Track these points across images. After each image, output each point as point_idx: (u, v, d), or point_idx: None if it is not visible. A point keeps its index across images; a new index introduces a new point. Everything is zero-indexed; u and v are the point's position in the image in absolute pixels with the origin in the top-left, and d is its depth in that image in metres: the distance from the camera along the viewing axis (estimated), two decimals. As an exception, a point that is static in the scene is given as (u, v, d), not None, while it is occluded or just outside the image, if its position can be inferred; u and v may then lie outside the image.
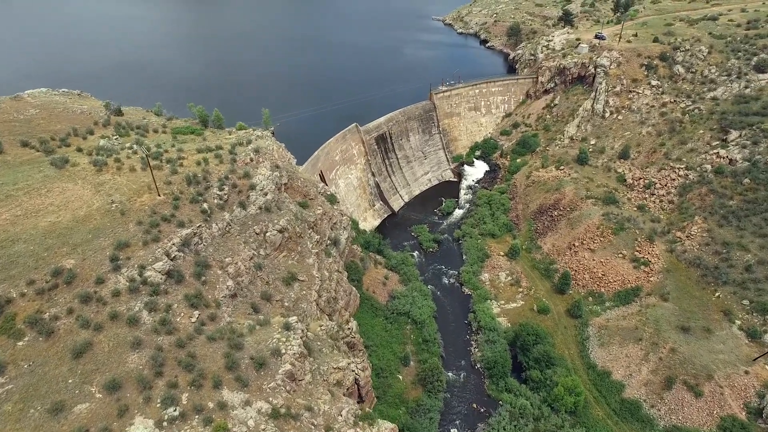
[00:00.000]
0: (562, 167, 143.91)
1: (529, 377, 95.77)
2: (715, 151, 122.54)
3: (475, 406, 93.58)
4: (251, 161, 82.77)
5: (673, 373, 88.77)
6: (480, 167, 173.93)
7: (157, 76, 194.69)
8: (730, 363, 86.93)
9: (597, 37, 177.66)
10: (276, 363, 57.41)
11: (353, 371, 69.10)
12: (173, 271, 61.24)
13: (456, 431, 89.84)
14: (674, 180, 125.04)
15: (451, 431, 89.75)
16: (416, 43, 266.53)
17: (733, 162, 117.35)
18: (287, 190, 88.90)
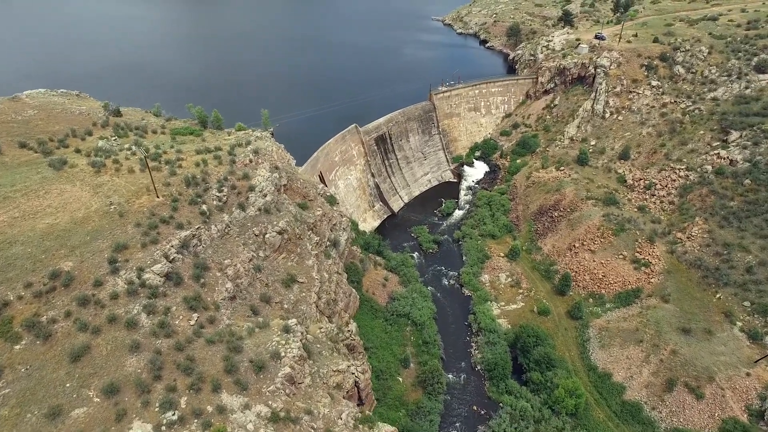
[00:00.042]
0: (562, 168, 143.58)
1: (530, 379, 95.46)
2: (716, 152, 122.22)
3: (476, 409, 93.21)
4: (250, 162, 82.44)
5: (674, 375, 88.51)
6: (480, 168, 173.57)
7: (156, 77, 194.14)
8: (732, 365, 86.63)
9: (597, 38, 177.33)
10: (275, 366, 57.06)
11: (353, 374, 68.71)
12: (172, 274, 60.86)
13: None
14: (675, 181, 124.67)
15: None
16: (416, 44, 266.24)
17: (734, 163, 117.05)
18: (286, 192, 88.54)
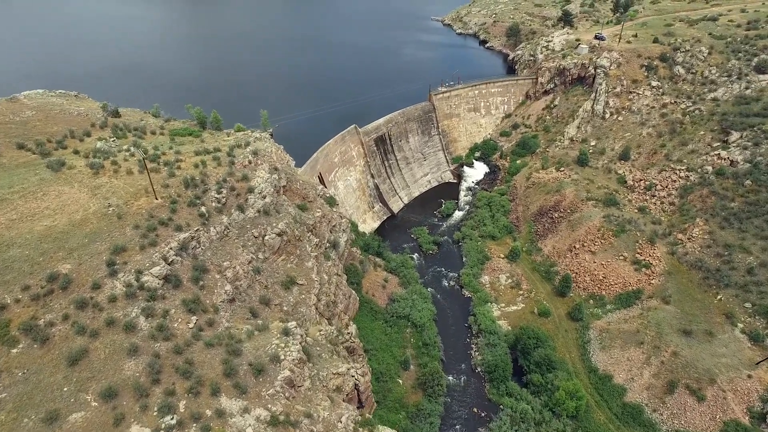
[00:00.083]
0: (563, 168, 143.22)
1: (530, 381, 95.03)
2: (716, 153, 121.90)
3: (476, 411, 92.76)
4: (249, 163, 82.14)
5: (675, 377, 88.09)
6: (480, 168, 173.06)
7: (155, 77, 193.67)
8: (733, 367, 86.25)
9: (597, 38, 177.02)
10: (275, 369, 56.71)
11: (353, 376, 68.33)
12: (171, 276, 60.53)
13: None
14: (675, 181, 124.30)
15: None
16: (415, 44, 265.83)
17: (734, 163, 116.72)
18: (286, 193, 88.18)
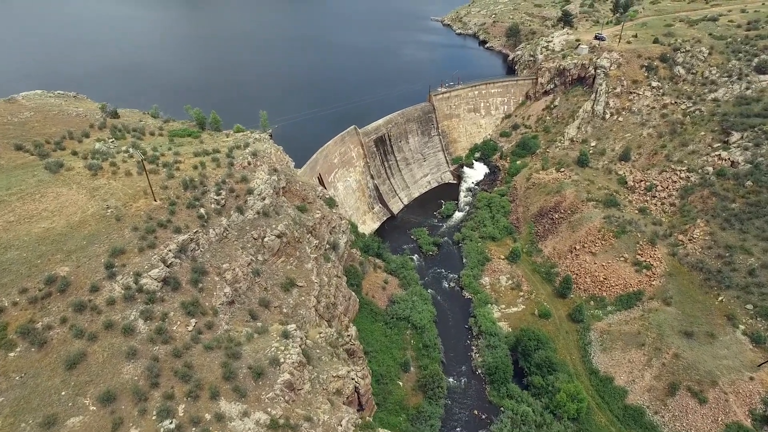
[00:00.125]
0: (563, 169, 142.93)
1: (531, 383, 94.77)
2: (717, 153, 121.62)
3: (477, 413, 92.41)
4: (249, 165, 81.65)
5: (677, 379, 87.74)
6: (480, 169, 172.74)
7: (155, 78, 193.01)
8: (735, 369, 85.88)
9: (597, 38, 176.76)
10: (274, 372, 56.33)
11: (353, 379, 67.96)
12: (169, 278, 60.15)
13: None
14: (675, 182, 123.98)
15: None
16: (415, 44, 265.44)
17: (735, 164, 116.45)
18: (285, 194, 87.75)
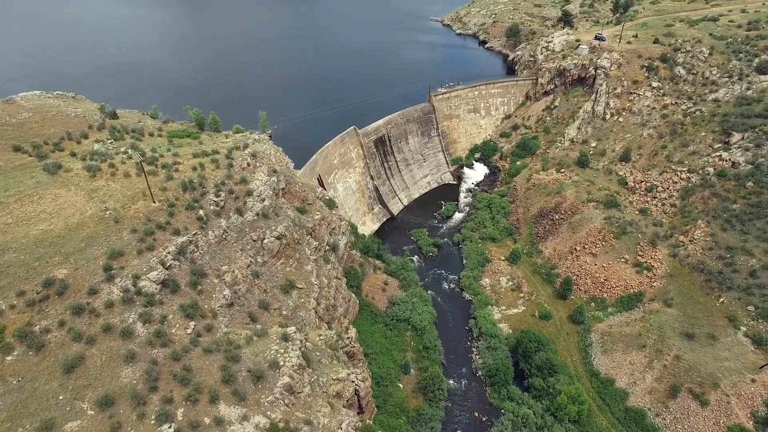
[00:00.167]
0: (563, 170, 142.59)
1: (532, 385, 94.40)
2: (718, 154, 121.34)
3: (477, 415, 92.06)
4: (248, 166, 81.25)
5: (678, 381, 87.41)
6: (480, 170, 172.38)
7: (154, 78, 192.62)
8: (736, 371, 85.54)
9: (597, 38, 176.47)
10: (274, 375, 55.90)
11: (353, 382, 67.62)
12: (168, 281, 59.73)
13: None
14: (676, 183, 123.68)
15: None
16: (415, 44, 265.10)
17: (736, 165, 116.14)
18: (285, 195, 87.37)
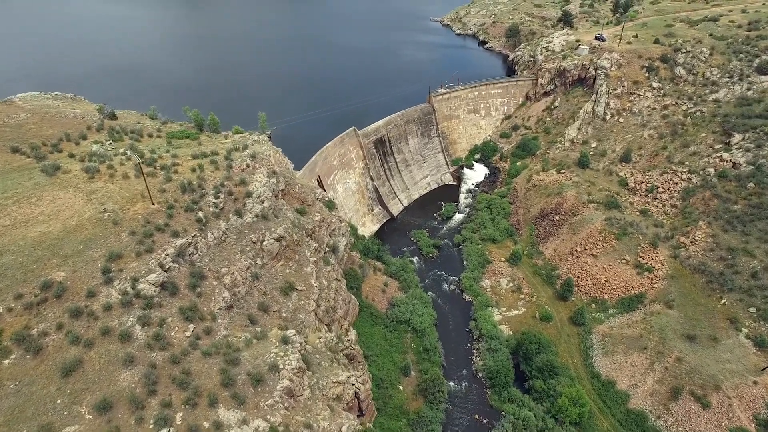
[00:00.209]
0: (563, 171, 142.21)
1: (532, 387, 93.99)
2: (719, 155, 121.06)
3: (478, 417, 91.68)
4: (247, 167, 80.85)
5: (680, 383, 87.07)
6: (480, 170, 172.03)
7: (153, 78, 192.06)
8: (738, 373, 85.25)
9: (597, 39, 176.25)
10: (274, 379, 55.49)
11: (353, 385, 67.15)
12: (167, 283, 59.30)
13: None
14: (677, 184, 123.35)
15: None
16: (414, 45, 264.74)
17: (737, 166, 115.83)
18: (284, 197, 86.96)
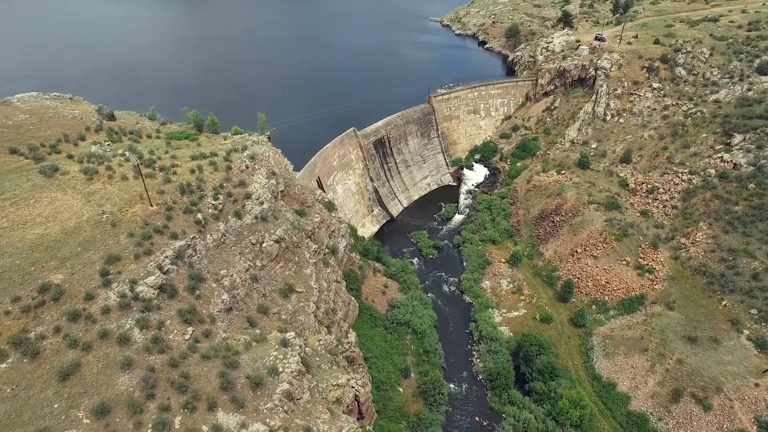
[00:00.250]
0: (564, 171, 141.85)
1: (533, 389, 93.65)
2: (719, 156, 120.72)
3: (478, 420, 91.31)
4: (247, 168, 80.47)
5: (681, 385, 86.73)
6: (480, 171, 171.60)
7: (153, 78, 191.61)
8: (740, 375, 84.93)
9: (597, 39, 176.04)
10: (273, 382, 55.05)
11: (353, 387, 66.78)
12: (166, 286, 58.89)
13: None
14: (678, 185, 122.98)
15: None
16: (414, 45, 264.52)
17: (738, 166, 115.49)
18: (284, 198, 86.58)
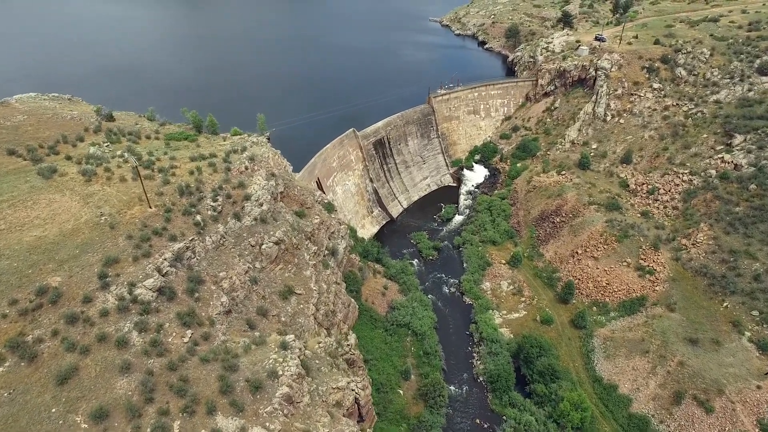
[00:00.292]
0: (564, 172, 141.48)
1: (534, 391, 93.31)
2: (720, 156, 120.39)
3: (479, 422, 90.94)
4: (246, 170, 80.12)
5: (682, 388, 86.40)
6: (479, 172, 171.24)
7: (152, 79, 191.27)
8: (741, 377, 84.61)
9: (597, 39, 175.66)
10: (273, 385, 54.63)
11: (353, 390, 66.46)
12: (165, 288, 58.55)
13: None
14: (678, 185, 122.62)
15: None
16: (414, 45, 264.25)
17: (739, 167, 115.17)
18: (283, 199, 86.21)
